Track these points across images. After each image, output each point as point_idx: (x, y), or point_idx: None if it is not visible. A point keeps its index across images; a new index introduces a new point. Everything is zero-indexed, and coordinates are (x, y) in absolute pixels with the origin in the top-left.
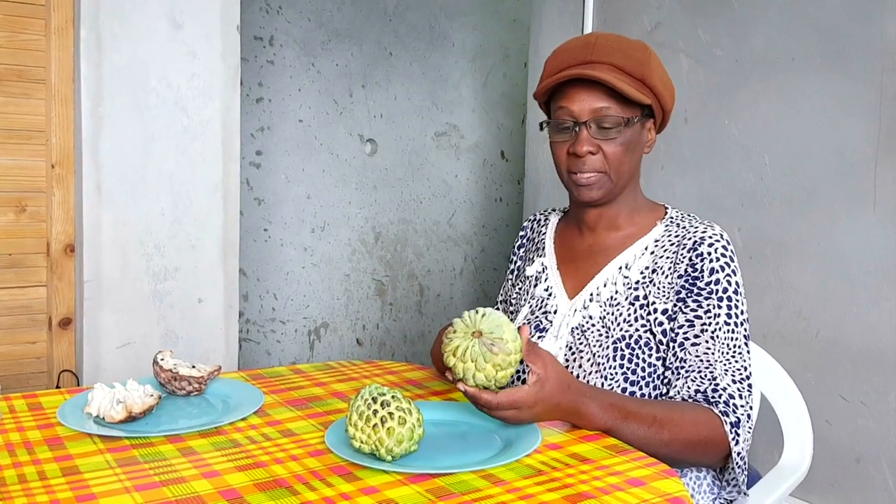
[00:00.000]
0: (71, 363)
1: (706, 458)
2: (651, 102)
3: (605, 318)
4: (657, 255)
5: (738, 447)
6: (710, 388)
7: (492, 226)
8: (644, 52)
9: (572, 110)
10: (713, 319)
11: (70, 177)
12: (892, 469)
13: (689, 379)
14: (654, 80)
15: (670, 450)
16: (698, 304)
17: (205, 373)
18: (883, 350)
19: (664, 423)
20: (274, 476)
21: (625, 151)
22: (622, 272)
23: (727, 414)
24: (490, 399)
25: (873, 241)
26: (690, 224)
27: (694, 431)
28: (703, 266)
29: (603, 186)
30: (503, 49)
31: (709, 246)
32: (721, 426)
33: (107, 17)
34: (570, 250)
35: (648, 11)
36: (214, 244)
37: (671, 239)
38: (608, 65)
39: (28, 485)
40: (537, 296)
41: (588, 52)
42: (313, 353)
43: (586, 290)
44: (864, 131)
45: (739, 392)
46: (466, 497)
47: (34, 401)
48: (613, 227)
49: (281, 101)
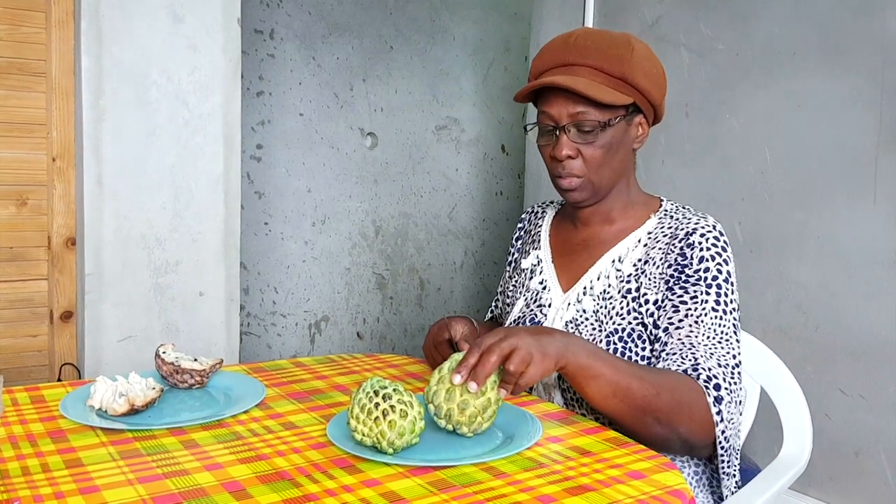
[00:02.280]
0: (72, 356)
1: (690, 426)
2: (634, 100)
3: (599, 311)
4: (650, 248)
5: (721, 425)
6: (690, 366)
7: (492, 219)
8: (625, 48)
9: (552, 114)
10: (699, 305)
11: (71, 170)
12: (890, 462)
13: (668, 360)
14: (635, 76)
15: (653, 402)
16: (685, 291)
17: (207, 366)
18: (882, 344)
19: (646, 377)
20: (276, 468)
21: (605, 153)
22: (615, 265)
23: (709, 388)
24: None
25: (873, 234)
26: (684, 216)
27: (676, 386)
28: (693, 254)
29: (584, 189)
30: (504, 43)
31: (700, 236)
32: (703, 395)
33: (107, 10)
34: (564, 244)
35: (649, 5)
36: (215, 238)
37: (664, 231)
38: (586, 66)
39: (32, 477)
40: (532, 289)
41: (566, 54)
42: (314, 347)
43: (580, 284)
44: (864, 125)
45: (723, 375)
46: (468, 489)
47: (37, 393)
48: (607, 221)
49: (281, 94)
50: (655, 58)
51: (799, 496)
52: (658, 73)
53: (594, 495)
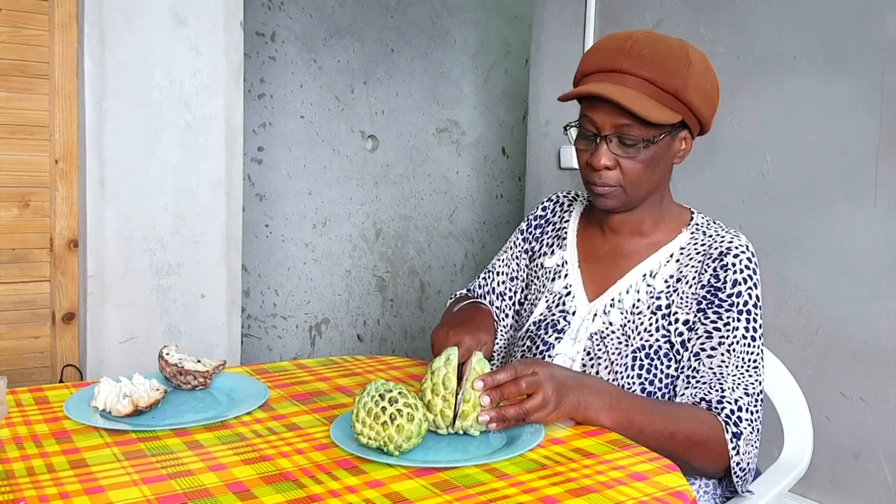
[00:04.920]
0: (74, 358)
1: (703, 461)
2: (683, 118)
3: (626, 325)
4: (682, 264)
5: (737, 458)
6: (715, 398)
7: (492, 222)
8: (682, 61)
9: (595, 121)
10: (731, 332)
11: (73, 172)
12: (890, 465)
13: (696, 388)
14: (688, 93)
15: (666, 443)
16: (718, 316)
17: (210, 367)
18: (883, 346)
19: (658, 422)
20: (280, 469)
21: (645, 169)
22: (646, 280)
23: (729, 424)
24: (518, 409)
25: (874, 238)
26: (716, 232)
27: (692, 428)
28: (727, 277)
29: (617, 198)
30: (504, 45)
31: (734, 257)
32: (721, 432)
33: (110, 13)
34: (591, 249)
35: (651, 8)
36: (217, 239)
37: (697, 248)
38: (638, 77)
39: (37, 477)
40: (555, 291)
41: (620, 59)
42: (314, 349)
43: (607, 295)
44: (865, 129)
45: (748, 406)
46: (471, 490)
47: (40, 394)
48: (637, 233)
49: (282, 97)
50: (712, 71)
51: (799, 499)
52: (712, 89)
53: (597, 497)
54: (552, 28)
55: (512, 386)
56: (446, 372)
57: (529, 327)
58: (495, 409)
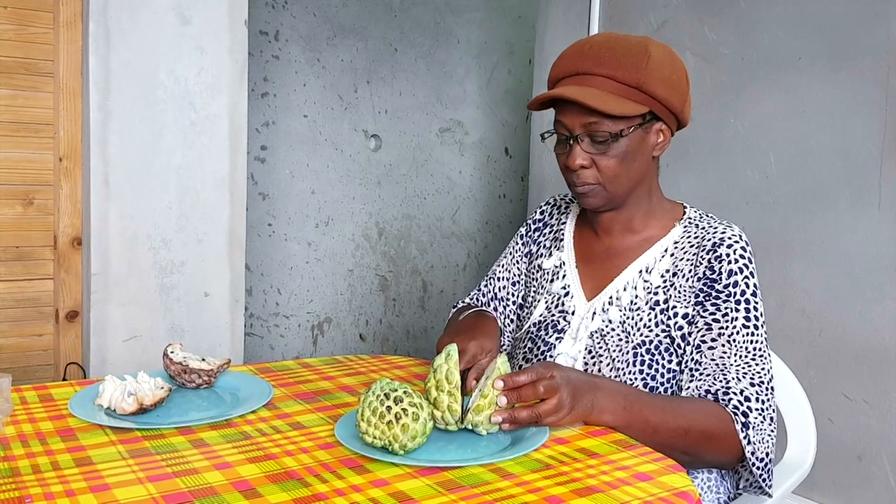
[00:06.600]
0: (77, 356)
1: (717, 454)
2: (651, 108)
3: (625, 322)
4: (677, 258)
5: (750, 447)
6: (721, 390)
7: (495, 222)
8: (641, 54)
9: (565, 124)
10: (731, 323)
11: (77, 170)
12: (893, 467)
13: (700, 381)
14: (652, 84)
15: (680, 440)
16: (716, 308)
17: (214, 366)
18: (886, 348)
19: (671, 420)
20: (285, 468)
21: (620, 163)
22: (642, 276)
23: (737, 415)
24: (531, 412)
25: (877, 239)
26: (709, 224)
27: (706, 422)
28: (722, 268)
29: (599, 195)
30: (508, 45)
31: (727, 247)
32: (731, 423)
33: (115, 11)
34: (588, 250)
35: (655, 9)
36: (221, 238)
37: (690, 241)
38: (599, 76)
39: (42, 475)
40: (554, 292)
41: (581, 62)
42: (316, 348)
43: (605, 293)
44: (869, 130)
45: (757, 395)
46: (475, 490)
47: (45, 392)
48: (629, 230)
49: (286, 96)
50: (677, 62)
51: (802, 500)
52: (677, 79)
53: (601, 497)
54: (556, 28)
55: (530, 389)
56: (448, 367)
57: (530, 328)
58: (508, 411)
